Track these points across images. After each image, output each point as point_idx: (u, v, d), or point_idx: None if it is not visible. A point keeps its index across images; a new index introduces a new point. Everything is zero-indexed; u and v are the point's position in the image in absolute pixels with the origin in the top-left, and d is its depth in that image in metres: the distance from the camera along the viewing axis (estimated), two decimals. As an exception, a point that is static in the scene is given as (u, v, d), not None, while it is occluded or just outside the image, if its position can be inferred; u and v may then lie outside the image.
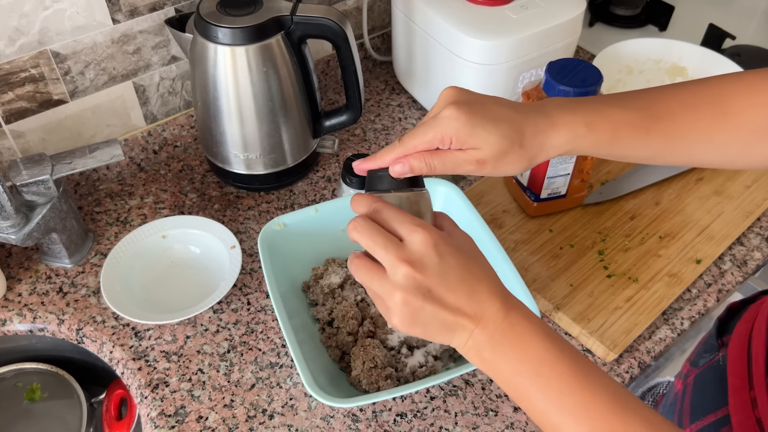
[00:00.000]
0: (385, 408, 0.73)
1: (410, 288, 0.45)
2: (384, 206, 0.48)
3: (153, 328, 0.80)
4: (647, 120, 0.56)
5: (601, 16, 1.33)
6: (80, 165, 0.80)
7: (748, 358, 0.57)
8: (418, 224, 0.46)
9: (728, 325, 0.67)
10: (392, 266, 0.45)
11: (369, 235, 0.47)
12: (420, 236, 0.45)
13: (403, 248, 0.45)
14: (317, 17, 0.83)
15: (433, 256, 0.45)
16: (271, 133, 0.89)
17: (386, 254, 0.45)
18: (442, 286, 0.45)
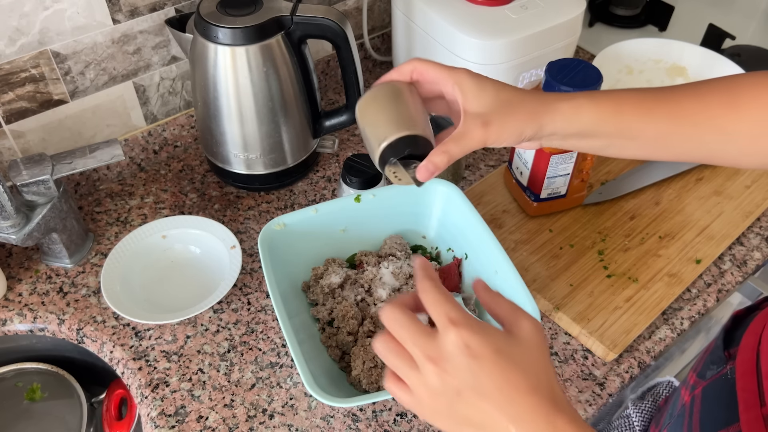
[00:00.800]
0: (385, 408, 0.73)
1: (438, 387, 0.43)
2: (430, 287, 0.46)
3: (153, 328, 0.80)
4: (650, 101, 0.57)
5: (601, 16, 1.33)
6: (80, 165, 0.80)
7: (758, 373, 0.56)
8: (454, 320, 0.43)
9: (734, 335, 0.67)
10: (421, 363, 0.44)
11: (400, 325, 0.45)
12: (452, 336, 0.43)
13: (433, 344, 0.43)
14: (317, 17, 0.83)
15: (464, 359, 0.42)
16: (271, 133, 0.89)
17: (415, 349, 0.44)
18: (475, 391, 0.42)
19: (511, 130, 0.55)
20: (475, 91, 0.54)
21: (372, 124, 0.57)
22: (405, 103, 0.57)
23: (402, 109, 0.56)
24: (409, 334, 0.44)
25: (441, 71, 0.56)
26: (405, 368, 0.44)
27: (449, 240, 0.84)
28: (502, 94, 0.55)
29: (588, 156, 0.86)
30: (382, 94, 0.58)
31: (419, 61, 0.57)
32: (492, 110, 0.54)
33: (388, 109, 0.56)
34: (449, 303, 0.44)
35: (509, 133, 0.55)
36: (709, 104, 0.57)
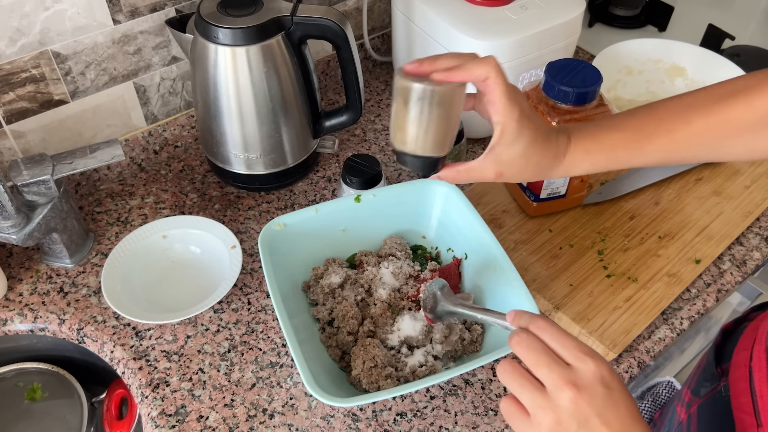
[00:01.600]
0: (385, 407, 0.74)
1: (570, 411, 0.45)
2: (548, 325, 0.49)
3: (153, 327, 0.80)
4: (641, 140, 0.61)
5: (601, 17, 1.33)
6: (81, 165, 0.80)
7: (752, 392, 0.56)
8: (587, 352, 0.47)
9: (725, 350, 0.67)
10: (557, 387, 0.45)
11: (533, 351, 0.47)
12: (592, 365, 0.46)
13: (570, 372, 0.46)
14: (317, 18, 0.83)
15: (600, 388, 0.45)
16: (271, 133, 0.89)
17: (550, 373, 0.46)
18: (601, 419, 0.45)
19: (517, 180, 0.62)
20: (510, 139, 0.58)
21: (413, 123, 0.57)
22: (450, 120, 0.57)
23: (444, 128, 0.57)
24: (547, 360, 0.47)
25: (501, 100, 0.56)
26: (533, 391, 0.46)
27: (449, 240, 0.84)
28: (530, 150, 0.59)
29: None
30: (438, 99, 0.56)
31: (495, 75, 0.56)
32: (511, 163, 0.59)
33: (436, 120, 0.57)
34: (574, 338, 0.48)
35: (516, 181, 0.63)
36: (698, 129, 0.60)
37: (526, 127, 0.58)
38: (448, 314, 0.69)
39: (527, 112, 0.58)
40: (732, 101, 0.59)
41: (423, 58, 0.57)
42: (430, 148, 0.59)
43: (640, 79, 1.09)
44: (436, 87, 0.55)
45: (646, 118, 0.62)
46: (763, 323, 0.61)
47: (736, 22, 1.27)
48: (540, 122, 0.60)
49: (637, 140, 0.61)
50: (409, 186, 0.83)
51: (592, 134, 0.62)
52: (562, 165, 0.62)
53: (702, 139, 0.60)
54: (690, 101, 0.61)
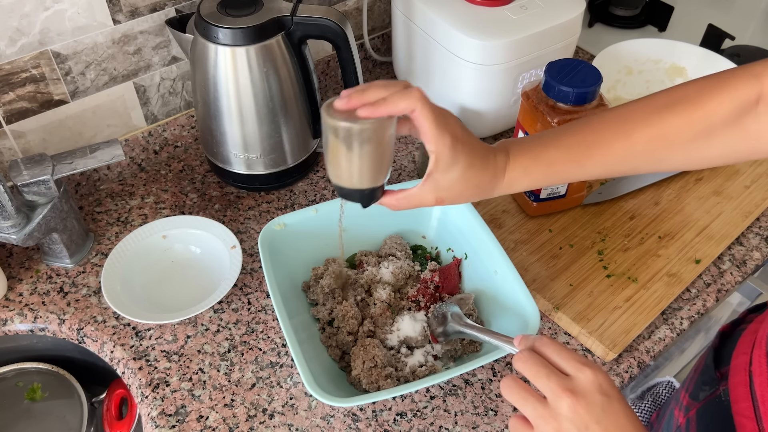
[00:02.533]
0: (385, 407, 0.74)
1: (569, 419, 0.47)
2: (550, 342, 0.51)
3: (153, 327, 0.80)
4: (578, 155, 0.61)
5: (601, 17, 1.33)
6: (81, 165, 0.80)
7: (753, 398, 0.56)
8: (585, 363, 0.49)
9: (723, 353, 0.67)
10: (556, 396, 0.47)
11: (533, 365, 0.49)
12: (590, 374, 0.48)
13: (568, 381, 0.48)
14: (317, 18, 0.83)
15: (599, 396, 0.47)
16: (271, 133, 0.89)
17: (548, 383, 0.48)
18: (600, 425, 0.46)
19: (458, 203, 0.62)
20: (447, 165, 0.57)
21: (345, 159, 0.57)
22: (382, 152, 0.57)
23: (377, 160, 0.57)
24: (546, 371, 0.49)
25: (431, 129, 0.56)
26: (534, 402, 0.48)
27: (449, 240, 0.84)
28: (468, 173, 0.59)
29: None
30: (366, 135, 0.55)
31: (420, 107, 0.55)
32: (450, 188, 0.59)
33: (367, 155, 0.56)
34: (572, 350, 0.51)
35: (457, 203, 0.62)
36: (635, 141, 0.60)
37: (460, 152, 0.57)
38: (455, 333, 0.71)
39: (460, 136, 0.58)
40: (670, 113, 0.59)
41: (351, 91, 0.56)
42: (366, 180, 0.58)
43: (640, 79, 1.09)
44: (363, 125, 0.54)
45: (584, 132, 0.61)
46: (762, 326, 0.61)
47: (736, 22, 1.27)
48: (476, 144, 0.59)
49: (576, 156, 0.61)
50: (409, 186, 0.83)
51: (530, 151, 0.62)
52: (501, 184, 0.61)
53: (641, 152, 0.60)
54: (628, 114, 0.61)
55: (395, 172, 1.00)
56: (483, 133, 1.04)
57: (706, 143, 0.59)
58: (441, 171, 0.58)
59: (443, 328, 0.73)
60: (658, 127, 0.59)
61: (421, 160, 0.96)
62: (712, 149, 0.60)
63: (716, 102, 0.58)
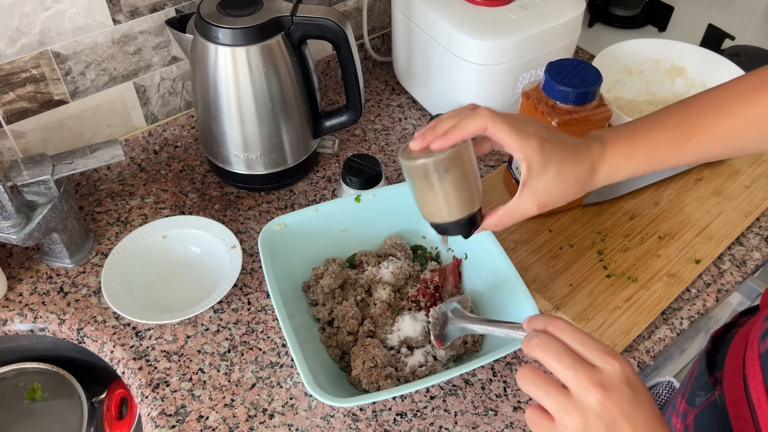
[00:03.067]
0: (385, 407, 0.74)
1: (598, 413, 0.44)
2: (567, 326, 0.48)
3: (153, 327, 0.80)
4: (681, 137, 0.59)
5: (601, 17, 1.33)
6: (81, 165, 0.80)
7: (748, 401, 0.56)
8: (611, 353, 0.46)
9: (717, 357, 0.67)
10: (584, 389, 0.44)
11: (555, 353, 0.46)
12: (618, 366, 0.45)
13: (597, 373, 0.45)
14: (317, 18, 0.83)
15: (627, 389, 0.44)
16: (271, 133, 0.89)
17: (576, 375, 0.45)
18: (628, 421, 0.44)
19: (561, 203, 0.60)
20: (540, 167, 0.56)
21: (433, 196, 0.57)
22: (467, 178, 0.56)
23: (464, 187, 0.56)
24: (572, 361, 0.45)
25: (512, 139, 0.55)
26: (557, 395, 0.45)
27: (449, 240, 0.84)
28: (563, 170, 0.57)
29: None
30: (445, 166, 0.55)
31: (492, 123, 0.54)
32: (550, 190, 0.57)
33: (452, 185, 0.56)
34: (595, 339, 0.47)
35: (561, 204, 0.60)
36: (735, 123, 0.58)
37: (549, 151, 0.56)
38: (459, 331, 0.69)
39: (546, 135, 0.56)
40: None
41: (423, 130, 0.56)
42: (459, 211, 0.58)
43: (640, 79, 1.09)
44: (439, 156, 0.54)
45: (686, 113, 0.60)
46: (753, 329, 0.60)
47: (736, 22, 1.27)
48: (565, 139, 0.58)
49: (678, 138, 0.59)
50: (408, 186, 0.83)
51: (629, 136, 0.60)
52: (601, 173, 0.60)
53: (743, 131, 0.58)
54: (728, 93, 0.59)
55: (395, 171, 1.00)
56: (483, 133, 1.04)
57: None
58: (535, 176, 0.56)
59: (445, 328, 0.72)
60: (759, 106, 0.57)
61: None
62: None
63: None
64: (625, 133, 0.60)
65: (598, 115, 0.80)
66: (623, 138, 0.60)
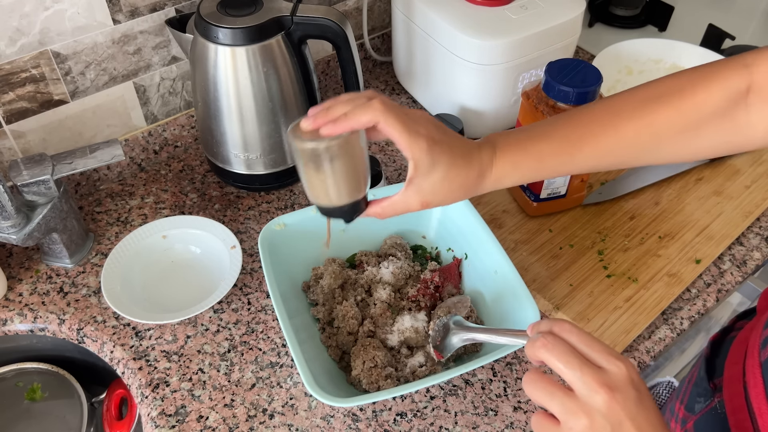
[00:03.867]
0: (385, 407, 0.74)
1: (603, 415, 0.44)
2: (573, 327, 0.48)
3: (153, 327, 0.80)
4: (569, 147, 0.59)
5: (601, 17, 1.33)
6: (81, 165, 0.80)
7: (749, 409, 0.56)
8: (617, 355, 0.46)
9: (716, 363, 0.66)
10: (590, 390, 0.44)
11: (561, 354, 0.46)
12: (623, 368, 0.45)
13: (603, 374, 0.44)
14: (317, 18, 0.83)
15: (632, 391, 0.44)
16: (271, 133, 0.89)
17: (582, 377, 0.44)
18: (634, 423, 0.44)
19: (446, 204, 0.60)
20: (427, 168, 0.56)
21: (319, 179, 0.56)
22: (355, 165, 0.56)
23: (352, 174, 0.56)
24: (578, 362, 0.45)
25: (402, 137, 0.54)
26: (562, 397, 0.45)
27: (449, 240, 0.84)
28: (451, 173, 0.57)
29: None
30: (334, 152, 0.54)
31: (384, 119, 0.54)
32: (435, 191, 0.57)
33: (340, 171, 0.56)
34: (600, 341, 0.47)
35: (445, 205, 0.60)
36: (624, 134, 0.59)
37: (439, 153, 0.55)
38: (461, 341, 0.69)
39: (437, 137, 0.56)
40: (659, 104, 0.58)
41: (317, 109, 0.55)
42: (344, 196, 0.58)
43: (640, 79, 1.09)
44: (329, 143, 0.53)
45: (574, 125, 0.60)
46: (752, 334, 0.60)
47: (736, 22, 1.27)
48: (456, 143, 0.58)
49: (566, 148, 0.59)
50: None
51: (518, 145, 0.60)
52: (489, 180, 0.59)
53: (630, 145, 0.59)
54: (617, 106, 0.59)
55: (395, 171, 1.00)
56: (483, 133, 1.04)
57: (695, 135, 0.58)
58: (422, 175, 0.56)
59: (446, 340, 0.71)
60: (646, 119, 0.58)
61: None
62: (702, 141, 0.59)
63: (705, 93, 0.57)
64: (515, 141, 0.60)
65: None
66: (512, 146, 0.60)
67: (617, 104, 0.60)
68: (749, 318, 0.67)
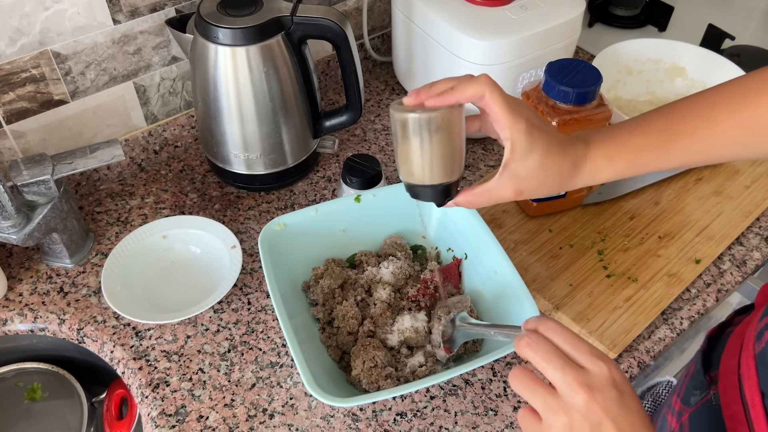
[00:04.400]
0: (385, 407, 0.74)
1: (582, 414, 0.44)
2: (558, 327, 0.48)
3: (153, 327, 0.80)
4: (665, 140, 0.58)
5: (601, 17, 1.33)
6: (81, 165, 0.80)
7: (743, 401, 0.56)
8: (598, 354, 0.46)
9: (712, 357, 0.67)
10: (570, 389, 0.45)
11: (545, 353, 0.46)
12: (605, 368, 0.45)
13: (584, 374, 0.45)
14: (317, 18, 0.83)
15: (614, 391, 0.45)
16: (271, 133, 0.89)
17: (564, 376, 0.45)
18: (614, 423, 0.44)
19: (538, 195, 0.60)
20: (523, 151, 0.55)
21: (416, 153, 0.56)
22: (453, 144, 0.55)
23: (449, 152, 0.56)
24: (560, 362, 0.46)
25: (504, 114, 0.54)
26: (544, 395, 0.46)
27: (449, 240, 0.84)
28: (547, 160, 0.56)
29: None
30: (436, 124, 0.54)
31: (490, 92, 0.54)
32: (529, 177, 0.57)
33: (438, 146, 0.55)
34: (585, 340, 0.47)
35: (537, 196, 0.60)
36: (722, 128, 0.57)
37: (537, 138, 0.55)
38: (463, 337, 0.70)
39: (535, 122, 0.56)
40: (756, 98, 0.56)
41: (420, 88, 0.55)
42: (438, 175, 0.57)
43: (640, 79, 1.09)
44: (432, 113, 0.54)
45: (671, 118, 0.59)
46: (748, 328, 0.60)
47: (736, 22, 1.27)
48: (552, 131, 0.57)
49: (662, 142, 0.58)
50: None
51: (613, 138, 0.59)
52: (582, 173, 0.59)
53: (726, 140, 0.57)
54: (714, 99, 0.58)
55: (395, 171, 1.00)
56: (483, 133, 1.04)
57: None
58: (518, 159, 0.55)
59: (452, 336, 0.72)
60: (744, 114, 0.56)
61: None
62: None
63: None
64: (609, 136, 0.60)
65: (598, 115, 0.80)
66: (607, 140, 0.59)
67: (713, 97, 0.58)
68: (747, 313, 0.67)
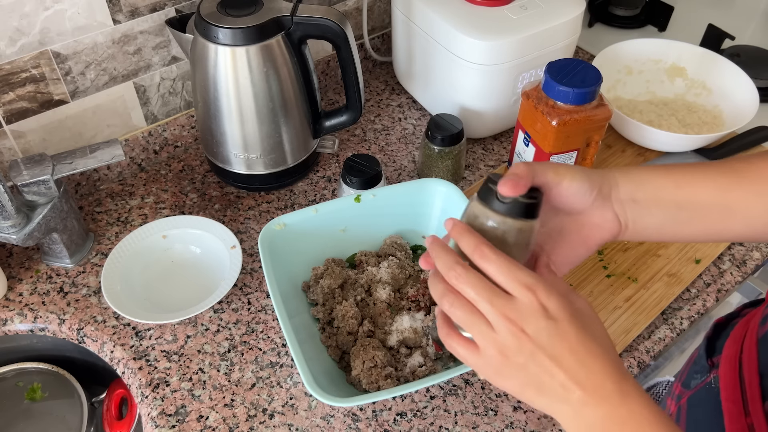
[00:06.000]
0: (385, 407, 0.74)
1: (512, 347, 0.43)
2: (492, 252, 0.44)
3: (153, 327, 0.80)
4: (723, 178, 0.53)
5: (601, 17, 1.33)
6: (81, 165, 0.80)
7: (741, 383, 0.56)
8: (530, 284, 0.43)
9: (716, 343, 0.67)
10: (496, 321, 0.43)
11: (473, 286, 0.44)
12: (532, 297, 0.43)
13: (510, 305, 0.43)
14: (317, 18, 0.83)
15: (543, 321, 0.43)
16: (271, 133, 0.89)
17: (491, 308, 0.43)
18: (546, 353, 0.42)
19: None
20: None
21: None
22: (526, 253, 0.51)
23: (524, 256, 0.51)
24: (485, 294, 0.43)
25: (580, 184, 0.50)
26: (479, 325, 0.44)
27: (449, 240, 0.84)
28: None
29: (587, 156, 0.86)
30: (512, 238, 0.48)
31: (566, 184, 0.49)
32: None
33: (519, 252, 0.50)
34: (519, 267, 0.44)
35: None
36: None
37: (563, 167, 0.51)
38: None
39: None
40: None
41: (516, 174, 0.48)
42: None
43: (640, 79, 1.09)
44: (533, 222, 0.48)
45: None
46: (754, 318, 0.61)
47: (736, 22, 1.27)
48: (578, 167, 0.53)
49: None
50: (409, 186, 0.83)
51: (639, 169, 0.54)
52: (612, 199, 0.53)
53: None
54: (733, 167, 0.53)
55: (395, 171, 1.00)
56: (483, 134, 1.04)
57: None
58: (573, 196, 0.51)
59: None
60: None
61: (420, 160, 0.96)
62: None
63: None
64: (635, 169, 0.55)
65: (598, 115, 0.80)
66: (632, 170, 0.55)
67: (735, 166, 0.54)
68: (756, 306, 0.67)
